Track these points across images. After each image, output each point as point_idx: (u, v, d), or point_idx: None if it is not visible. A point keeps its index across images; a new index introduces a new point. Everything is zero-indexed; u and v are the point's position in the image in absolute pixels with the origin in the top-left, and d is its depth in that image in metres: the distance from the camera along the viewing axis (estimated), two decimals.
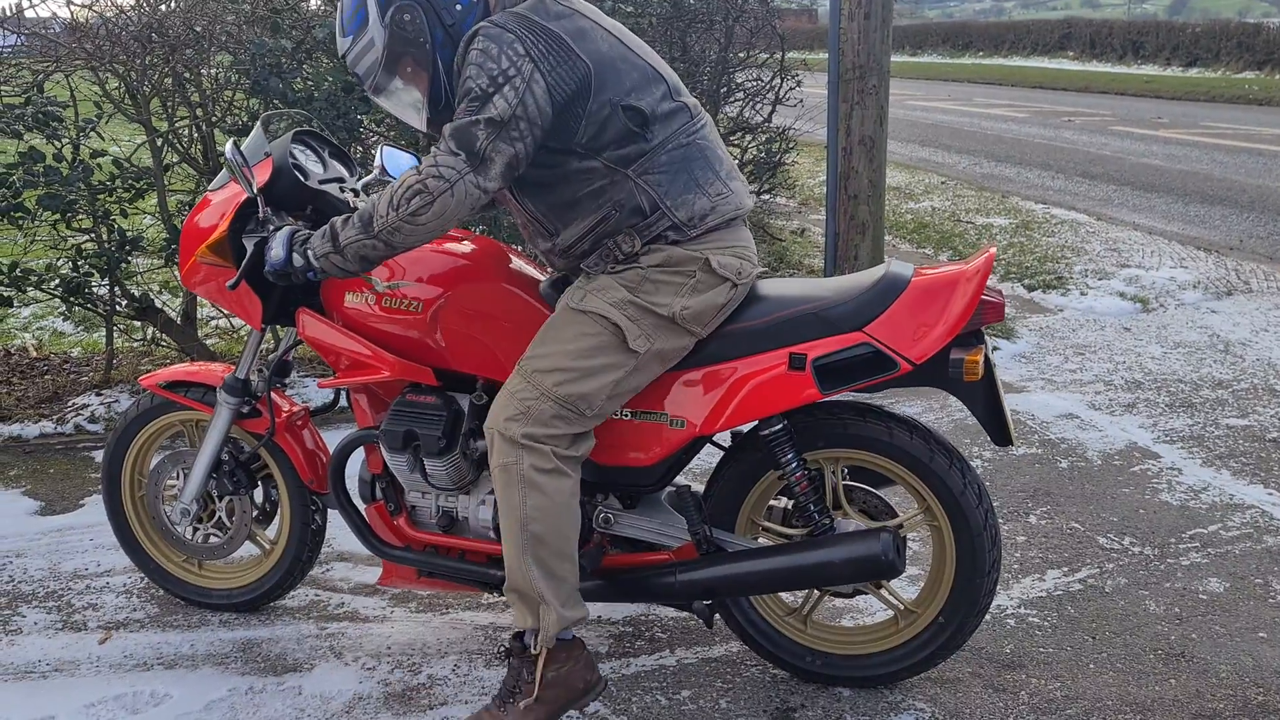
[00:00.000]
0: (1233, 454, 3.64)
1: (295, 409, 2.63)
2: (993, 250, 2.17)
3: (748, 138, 6.09)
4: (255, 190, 2.25)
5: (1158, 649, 2.54)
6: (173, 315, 4.52)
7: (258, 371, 2.58)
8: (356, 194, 2.48)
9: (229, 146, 2.21)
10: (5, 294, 4.06)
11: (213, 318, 4.97)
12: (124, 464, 2.72)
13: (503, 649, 2.27)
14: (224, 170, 2.48)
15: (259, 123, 2.49)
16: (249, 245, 2.30)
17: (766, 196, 7.01)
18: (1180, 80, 20.24)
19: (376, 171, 2.55)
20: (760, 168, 5.64)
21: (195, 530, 2.68)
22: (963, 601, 2.26)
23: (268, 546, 2.73)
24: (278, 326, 2.67)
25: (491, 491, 2.33)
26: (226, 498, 2.64)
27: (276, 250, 2.17)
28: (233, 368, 2.59)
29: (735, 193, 2.19)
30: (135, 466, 2.74)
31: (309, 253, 2.15)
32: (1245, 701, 2.34)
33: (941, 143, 12.51)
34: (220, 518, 2.67)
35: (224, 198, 2.43)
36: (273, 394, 2.58)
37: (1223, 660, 2.49)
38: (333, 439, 2.60)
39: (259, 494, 2.71)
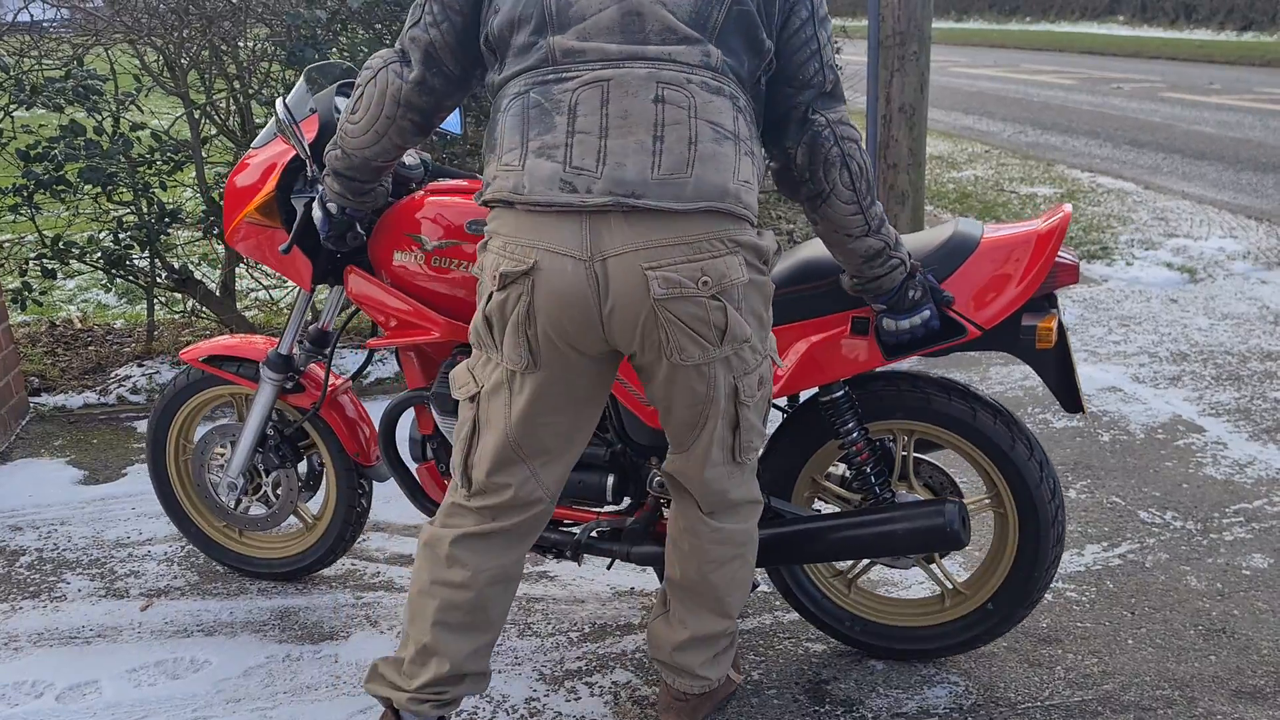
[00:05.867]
0: None
1: (338, 383, 2.62)
2: (1068, 209, 2.09)
3: None
4: (307, 150, 2.20)
5: (1198, 625, 2.49)
6: (212, 287, 4.57)
7: (299, 344, 2.57)
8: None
9: (279, 106, 2.16)
10: (49, 266, 4.12)
11: (251, 289, 5.02)
12: (169, 434, 2.74)
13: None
14: (266, 128, 2.45)
15: (302, 76, 2.42)
16: (298, 206, 2.27)
17: None
18: (1234, 45, 19.73)
19: None
20: None
21: (240, 503, 2.70)
22: (1016, 592, 2.22)
23: (310, 521, 2.75)
24: (316, 301, 2.64)
25: None
26: (273, 472, 2.65)
27: (318, 212, 2.15)
28: (274, 341, 2.60)
29: (526, 172, 1.68)
30: (180, 436, 2.76)
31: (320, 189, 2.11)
32: None
33: (986, 110, 12.31)
34: (266, 492, 2.68)
35: (266, 156, 2.39)
36: (315, 368, 2.59)
37: (1264, 637, 2.44)
38: (374, 410, 2.61)
39: (304, 467, 2.72)
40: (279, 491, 2.66)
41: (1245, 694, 2.25)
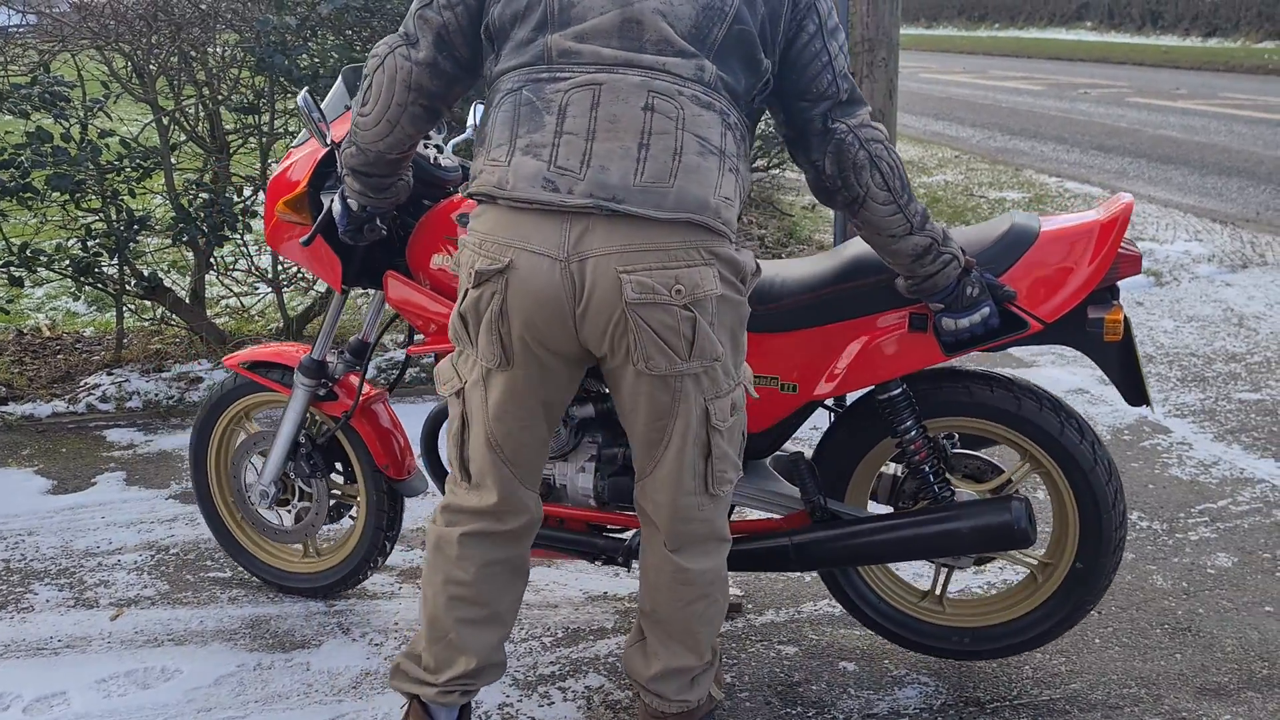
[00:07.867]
0: (1244, 428, 3.61)
1: (372, 393, 2.56)
2: (1129, 198, 2.05)
3: None
4: (329, 142, 2.18)
5: (1164, 623, 2.53)
6: (182, 294, 4.54)
7: (335, 353, 2.52)
8: (440, 150, 2.39)
9: (302, 95, 2.15)
10: (16, 274, 4.08)
11: (222, 297, 4.99)
12: (209, 444, 2.69)
13: None
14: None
15: (339, 77, 2.40)
16: (326, 201, 2.24)
17: (775, 172, 6.99)
18: (1199, 50, 20.01)
19: (469, 130, 2.46)
20: (769, 142, 5.65)
21: (273, 510, 2.64)
22: (1096, 541, 2.16)
23: (344, 535, 2.70)
24: (351, 308, 2.57)
25: (591, 458, 2.29)
26: (309, 480, 2.58)
27: (338, 205, 2.12)
28: (309, 348, 2.53)
29: (511, 169, 1.70)
30: (221, 445, 2.70)
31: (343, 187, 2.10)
32: (1250, 675, 2.33)
33: (955, 116, 12.42)
34: (293, 504, 2.63)
35: (306, 153, 2.36)
36: (351, 376, 2.53)
37: (1229, 634, 2.48)
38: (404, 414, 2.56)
39: (338, 479, 2.66)
40: (308, 504, 2.61)
41: (1210, 691, 2.29)
